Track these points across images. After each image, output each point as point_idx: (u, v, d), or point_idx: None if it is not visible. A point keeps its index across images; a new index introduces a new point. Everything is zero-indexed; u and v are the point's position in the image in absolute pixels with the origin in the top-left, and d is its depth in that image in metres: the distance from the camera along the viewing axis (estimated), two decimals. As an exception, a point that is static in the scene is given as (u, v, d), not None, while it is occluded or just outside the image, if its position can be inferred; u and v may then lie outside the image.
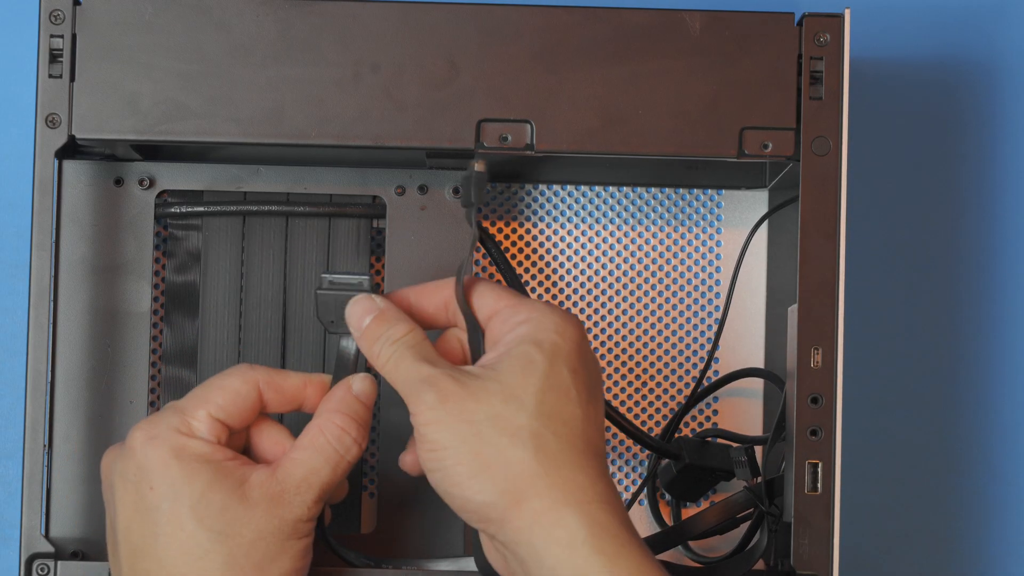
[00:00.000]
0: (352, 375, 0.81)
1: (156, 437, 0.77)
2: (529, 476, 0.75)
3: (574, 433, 0.76)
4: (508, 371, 0.76)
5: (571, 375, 0.77)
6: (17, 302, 0.99)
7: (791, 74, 0.85)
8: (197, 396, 0.79)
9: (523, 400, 0.75)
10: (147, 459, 0.77)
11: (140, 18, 0.85)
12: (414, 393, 0.76)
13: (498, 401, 0.75)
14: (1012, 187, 1.01)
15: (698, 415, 0.96)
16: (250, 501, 0.77)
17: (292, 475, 0.78)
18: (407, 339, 0.78)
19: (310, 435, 0.79)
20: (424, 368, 0.77)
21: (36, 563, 0.84)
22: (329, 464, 0.78)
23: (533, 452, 0.75)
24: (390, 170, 0.89)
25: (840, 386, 0.84)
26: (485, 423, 0.75)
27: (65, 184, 0.88)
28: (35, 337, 0.84)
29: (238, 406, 0.79)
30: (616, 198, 0.96)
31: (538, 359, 0.76)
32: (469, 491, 0.75)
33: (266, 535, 0.76)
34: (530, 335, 0.77)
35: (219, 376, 0.80)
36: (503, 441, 0.75)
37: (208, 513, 0.76)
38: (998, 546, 1.00)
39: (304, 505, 0.77)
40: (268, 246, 0.90)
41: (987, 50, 1.01)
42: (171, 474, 0.77)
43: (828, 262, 0.85)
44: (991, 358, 1.00)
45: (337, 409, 0.79)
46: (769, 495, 0.88)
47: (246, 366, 0.80)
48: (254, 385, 0.80)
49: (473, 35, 0.85)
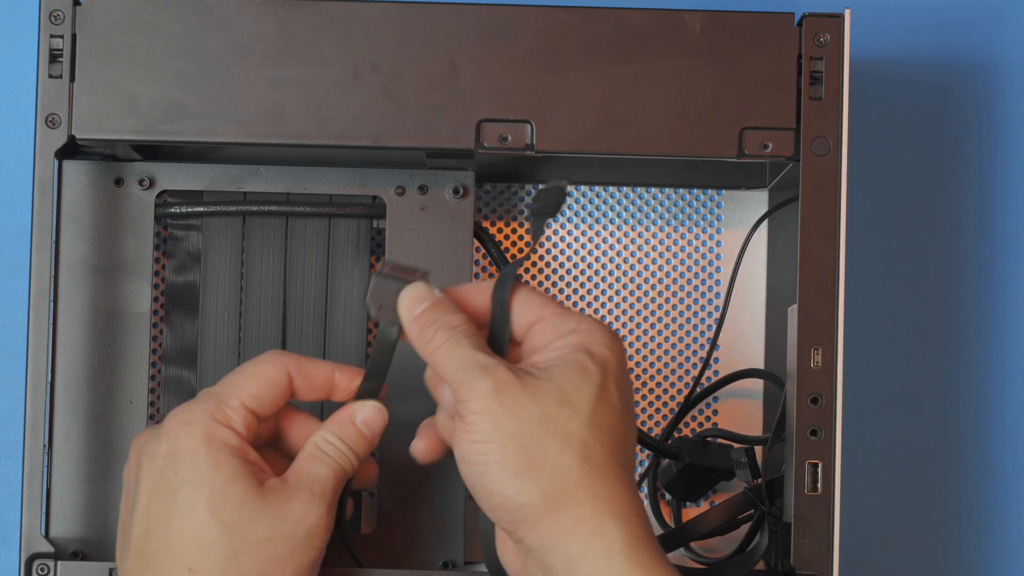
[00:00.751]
0: (363, 401, 0.80)
1: (191, 423, 0.77)
2: (573, 483, 0.74)
3: (618, 447, 0.76)
4: (564, 375, 0.76)
5: (618, 391, 0.76)
6: (17, 302, 0.99)
7: (791, 74, 0.85)
8: (232, 383, 0.79)
9: (577, 407, 0.75)
10: (178, 443, 0.77)
11: (140, 18, 0.85)
12: (469, 378, 0.75)
13: (553, 403, 0.75)
14: (1012, 187, 1.01)
15: (698, 415, 0.96)
16: (267, 501, 0.77)
17: (304, 481, 0.78)
18: (464, 328, 0.77)
19: (310, 450, 0.79)
20: (480, 356, 0.76)
21: (36, 563, 0.84)
22: (333, 473, 0.78)
23: (581, 460, 0.74)
24: (390, 170, 0.89)
25: (840, 386, 0.84)
26: (537, 423, 0.74)
27: (65, 184, 0.88)
28: (35, 337, 0.84)
29: (270, 393, 0.79)
30: (616, 198, 0.96)
31: (592, 369, 0.76)
32: (511, 490, 0.74)
33: (276, 537, 0.76)
34: (583, 345, 0.76)
35: (252, 363, 0.80)
36: (553, 444, 0.74)
37: (223, 505, 0.76)
38: (998, 546, 1.00)
39: (321, 509, 0.77)
40: (268, 246, 0.90)
41: (987, 50, 1.01)
42: (198, 460, 0.77)
43: (828, 262, 0.85)
44: (991, 358, 1.00)
45: (333, 432, 0.79)
46: (770, 496, 0.88)
47: (277, 352, 0.80)
48: (285, 372, 0.79)
49: (473, 35, 0.85)
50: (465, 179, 0.89)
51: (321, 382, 0.80)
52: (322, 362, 0.81)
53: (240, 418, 0.78)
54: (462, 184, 0.89)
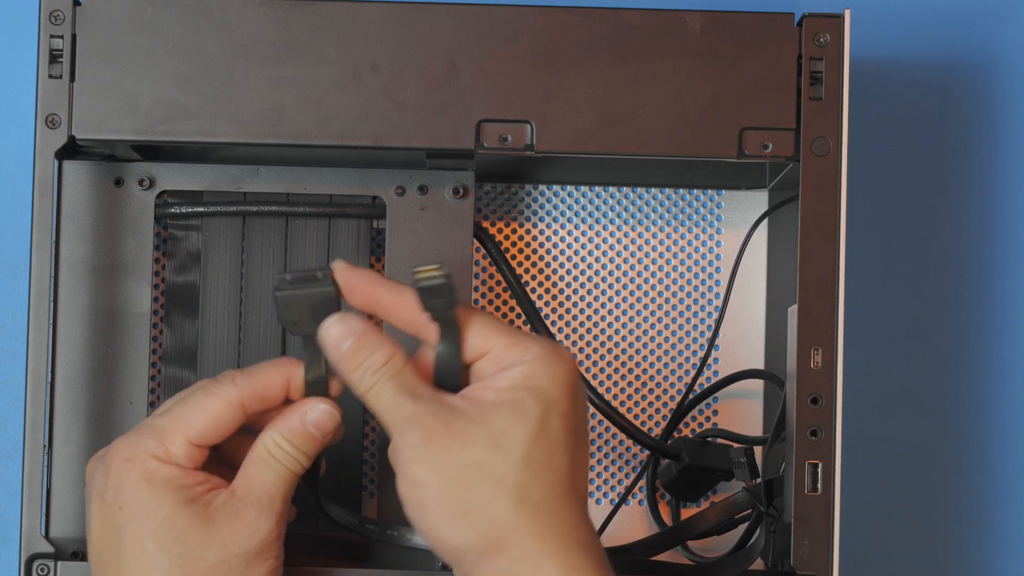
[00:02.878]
0: (313, 401, 0.78)
1: (132, 459, 0.77)
2: (509, 525, 0.74)
3: (559, 480, 0.75)
4: (498, 416, 0.74)
5: (561, 421, 0.75)
6: (17, 302, 0.99)
7: (791, 74, 0.85)
8: (178, 419, 0.78)
9: (511, 448, 0.74)
10: (120, 479, 0.77)
11: (140, 18, 0.85)
12: (398, 429, 0.75)
13: (484, 448, 0.74)
14: (1012, 187, 1.01)
15: (698, 415, 0.96)
16: (213, 526, 0.76)
17: (251, 492, 0.77)
18: (389, 367, 0.76)
19: (257, 453, 0.78)
20: (407, 404, 0.75)
21: (36, 563, 0.84)
22: (280, 476, 0.77)
23: (515, 502, 0.74)
24: (390, 170, 0.89)
25: (840, 386, 0.84)
26: (469, 468, 0.74)
27: (65, 184, 0.88)
28: (35, 337, 0.84)
29: (219, 429, 0.78)
30: (616, 198, 0.96)
31: (530, 407, 0.75)
32: (445, 534, 0.74)
33: (228, 558, 0.76)
34: (524, 380, 0.75)
35: (202, 395, 0.78)
36: (486, 489, 0.74)
37: (170, 538, 0.76)
38: (998, 546, 1.00)
39: (271, 522, 0.77)
40: (268, 246, 0.90)
41: (987, 50, 1.01)
42: (140, 496, 0.76)
43: (828, 262, 0.85)
44: (991, 358, 1.00)
45: (282, 434, 0.78)
46: (768, 496, 0.88)
47: (229, 384, 0.78)
48: (238, 406, 0.78)
49: (473, 35, 0.85)
50: (465, 179, 0.89)
51: (275, 394, 0.79)
52: (272, 373, 0.78)
53: (183, 454, 0.77)
54: (462, 184, 0.89)
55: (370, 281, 0.77)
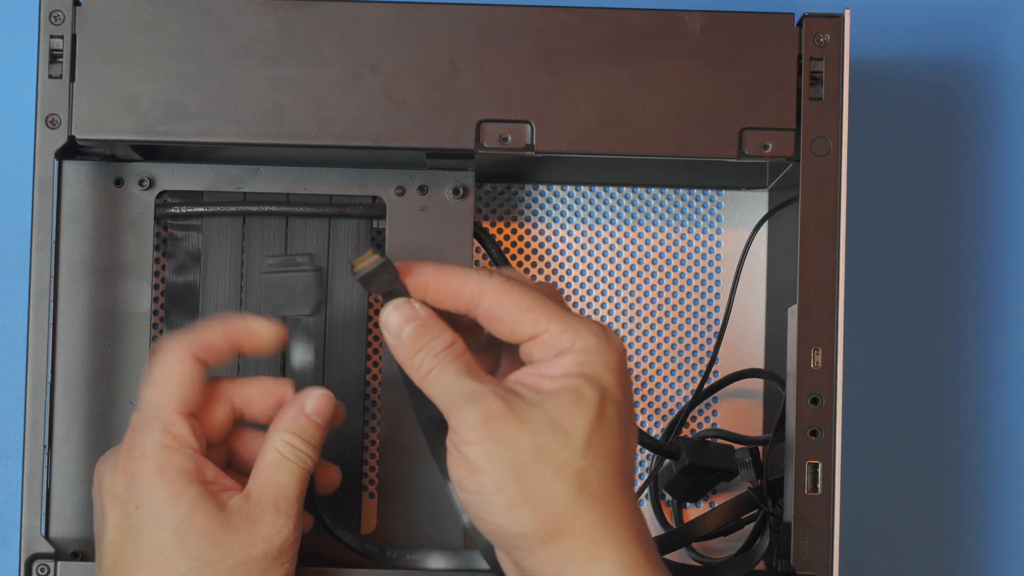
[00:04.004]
0: (307, 391, 0.79)
1: (143, 456, 0.77)
2: (569, 513, 0.73)
3: (616, 468, 0.75)
4: (558, 401, 0.74)
5: (615, 409, 0.75)
6: (17, 302, 0.99)
7: (791, 74, 0.85)
8: (156, 397, 0.78)
9: (571, 434, 0.74)
10: (134, 478, 0.77)
11: (140, 18, 0.85)
12: (457, 409, 0.74)
13: (545, 431, 0.74)
14: (1012, 187, 1.01)
15: (698, 415, 0.96)
16: (232, 528, 0.76)
17: (267, 496, 0.77)
18: (452, 350, 0.76)
19: (267, 456, 0.78)
20: (469, 383, 0.75)
21: (36, 563, 0.84)
22: (294, 478, 0.78)
23: (576, 489, 0.74)
24: (390, 170, 0.89)
25: (840, 386, 0.84)
26: (529, 452, 0.73)
27: (65, 184, 0.88)
28: (35, 338, 0.84)
29: (191, 387, 0.78)
30: (616, 198, 0.96)
31: (588, 394, 0.74)
32: (505, 520, 0.74)
33: (248, 562, 0.76)
34: (579, 368, 0.75)
35: (155, 368, 0.78)
36: (547, 474, 0.73)
37: (189, 538, 0.76)
38: (998, 546, 1.00)
39: (289, 526, 0.77)
40: (268, 247, 0.90)
41: (987, 51, 1.01)
42: (155, 494, 0.76)
43: (828, 262, 0.85)
44: (991, 358, 1.00)
45: (287, 428, 0.78)
46: (771, 496, 0.88)
47: (169, 343, 0.78)
48: (188, 358, 0.78)
49: (473, 35, 0.85)
50: (465, 179, 0.89)
51: (223, 345, 0.78)
52: (211, 325, 0.79)
53: (185, 429, 0.77)
54: (462, 184, 0.89)
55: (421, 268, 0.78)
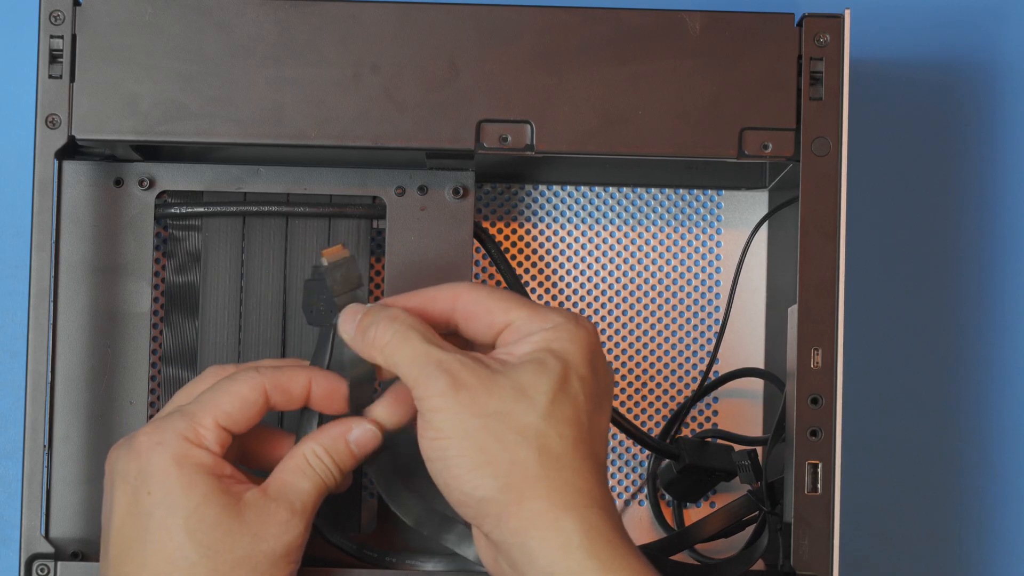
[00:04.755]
0: (358, 420, 0.79)
1: (162, 443, 0.77)
2: (531, 476, 0.74)
3: (579, 437, 0.76)
4: (522, 371, 0.75)
5: (580, 383, 0.76)
6: (17, 303, 0.99)
7: (791, 75, 0.85)
8: (207, 402, 0.78)
9: (534, 399, 0.75)
10: (150, 463, 0.77)
11: (140, 18, 0.85)
12: (423, 376, 0.75)
13: (510, 397, 0.75)
14: (1012, 187, 1.01)
15: (698, 416, 0.96)
16: (244, 520, 0.76)
17: (285, 496, 0.77)
18: (406, 317, 0.77)
19: (295, 460, 0.78)
20: (434, 350, 0.76)
21: (36, 564, 0.84)
22: (316, 488, 0.78)
23: (537, 453, 0.75)
24: (390, 171, 0.89)
25: (840, 386, 0.84)
26: (494, 417, 0.74)
27: (65, 185, 0.88)
28: (35, 338, 0.84)
29: (245, 412, 0.78)
30: (616, 198, 0.96)
31: (552, 364, 0.76)
32: (468, 485, 0.75)
33: (256, 555, 0.76)
34: (546, 344, 0.76)
35: (228, 381, 0.79)
36: (509, 438, 0.74)
37: (200, 527, 0.76)
38: (998, 546, 1.00)
39: (300, 527, 0.77)
40: (268, 247, 0.90)
41: (987, 51, 1.01)
42: (170, 481, 0.76)
43: (828, 262, 0.85)
44: (991, 358, 1.00)
45: (324, 445, 0.78)
46: (771, 497, 0.88)
47: (252, 371, 0.79)
48: (261, 391, 0.78)
49: (473, 35, 0.85)
50: (465, 179, 0.89)
51: (298, 393, 0.79)
52: (297, 371, 0.80)
53: (213, 437, 0.77)
54: (462, 184, 0.89)
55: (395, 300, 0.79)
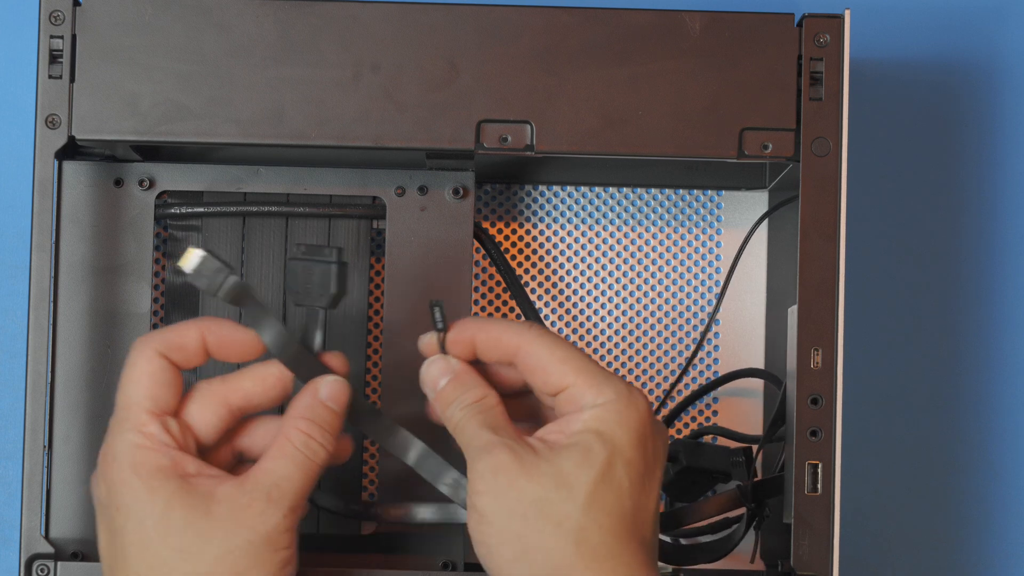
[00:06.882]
0: (321, 378, 0.79)
1: (116, 458, 0.76)
2: (567, 567, 0.74)
3: (621, 524, 0.75)
4: (565, 457, 0.76)
5: (626, 468, 0.76)
6: (17, 303, 0.99)
7: (791, 75, 0.85)
8: (125, 400, 0.77)
9: (573, 489, 0.75)
10: (111, 481, 0.76)
11: (140, 19, 0.85)
12: (471, 459, 0.76)
13: (550, 485, 0.75)
14: (1012, 187, 1.01)
15: (698, 416, 0.96)
16: (215, 516, 0.75)
17: (261, 484, 0.76)
18: (480, 404, 0.78)
19: (278, 443, 0.77)
20: (484, 435, 0.76)
21: (36, 564, 0.84)
22: (300, 469, 0.77)
23: (575, 544, 0.74)
24: (390, 171, 0.89)
25: (840, 387, 0.84)
26: (533, 506, 0.75)
27: (65, 185, 0.88)
28: (35, 338, 0.84)
29: (161, 386, 0.77)
30: (616, 199, 0.96)
31: (597, 451, 0.76)
32: (506, 572, 0.75)
33: (234, 550, 0.75)
34: (595, 424, 0.76)
35: (125, 370, 0.78)
36: (548, 528, 0.75)
37: (170, 531, 0.75)
38: (998, 546, 1.00)
39: (277, 515, 0.76)
40: (268, 247, 0.90)
41: (987, 51, 1.01)
42: (133, 493, 0.76)
43: (828, 263, 0.85)
44: (991, 358, 1.00)
45: (302, 415, 0.78)
46: (758, 495, 0.88)
47: (139, 342, 0.78)
48: (159, 359, 0.77)
49: (473, 36, 0.85)
50: (465, 180, 0.89)
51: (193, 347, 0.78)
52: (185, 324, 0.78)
53: (157, 428, 0.77)
54: (462, 185, 0.89)
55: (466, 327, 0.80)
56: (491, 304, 0.96)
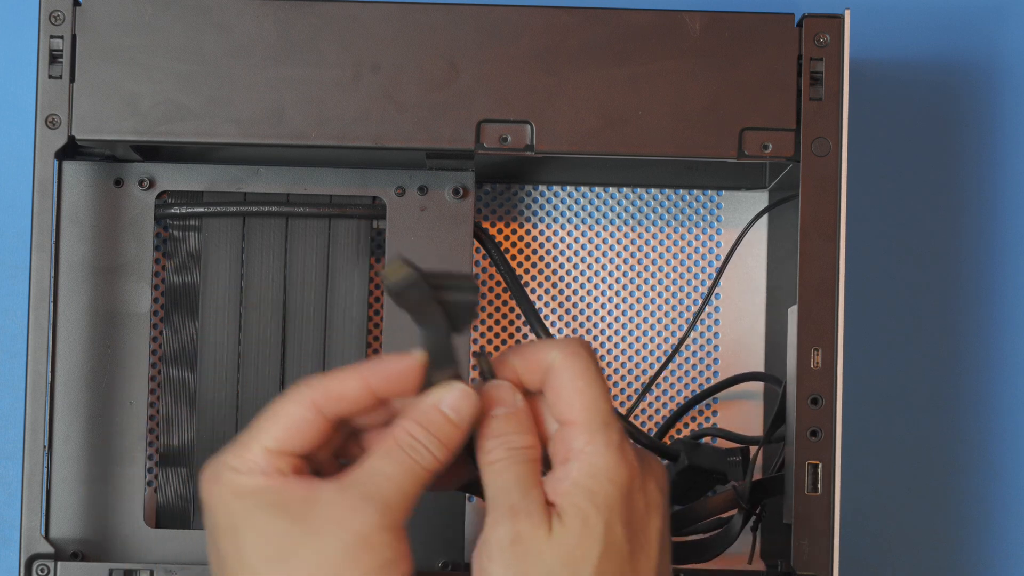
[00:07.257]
0: (445, 384, 0.74)
1: (216, 479, 0.74)
2: None
3: None
4: (570, 529, 0.73)
5: (623, 529, 0.74)
6: (17, 303, 0.99)
7: (791, 75, 0.85)
8: (256, 427, 0.74)
9: (579, 568, 0.73)
10: (209, 499, 0.74)
11: (140, 19, 0.85)
12: (493, 516, 0.74)
13: (558, 563, 0.73)
14: (1012, 187, 1.01)
15: (698, 416, 0.96)
16: (308, 523, 0.72)
17: (358, 482, 0.73)
18: (525, 454, 0.74)
19: (382, 442, 0.74)
20: (515, 495, 0.73)
21: (36, 564, 0.84)
22: (402, 469, 0.73)
23: None
24: (390, 171, 0.89)
25: (840, 387, 0.84)
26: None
27: (65, 185, 0.88)
28: (35, 338, 0.84)
29: (297, 432, 0.74)
30: (616, 199, 0.96)
31: (594, 520, 0.73)
32: None
33: (330, 555, 0.72)
34: (585, 484, 0.74)
35: (278, 402, 0.75)
36: None
37: (268, 547, 0.72)
38: (998, 546, 1.00)
39: (373, 513, 0.72)
40: (268, 247, 0.90)
41: (987, 51, 1.01)
42: (232, 515, 0.73)
43: (828, 263, 0.85)
44: (991, 358, 1.00)
45: (415, 419, 0.74)
46: (755, 495, 0.88)
47: (303, 386, 0.75)
48: (309, 406, 0.74)
49: (473, 36, 0.85)
50: (465, 180, 0.89)
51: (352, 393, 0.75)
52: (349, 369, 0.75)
53: (265, 461, 0.74)
54: (462, 185, 0.89)
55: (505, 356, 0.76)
56: (491, 304, 0.96)
